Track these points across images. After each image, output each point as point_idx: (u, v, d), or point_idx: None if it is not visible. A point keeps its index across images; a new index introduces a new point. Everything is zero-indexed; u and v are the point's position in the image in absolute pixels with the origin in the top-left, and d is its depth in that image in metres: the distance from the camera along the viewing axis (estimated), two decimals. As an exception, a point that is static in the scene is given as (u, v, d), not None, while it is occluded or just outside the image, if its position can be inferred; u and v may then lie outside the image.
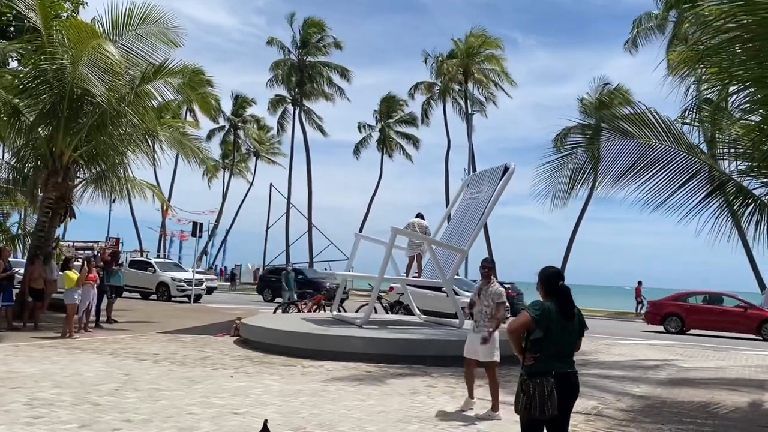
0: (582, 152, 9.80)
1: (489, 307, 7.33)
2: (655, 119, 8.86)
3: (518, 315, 4.43)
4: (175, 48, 15.77)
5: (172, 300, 26.27)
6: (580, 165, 9.87)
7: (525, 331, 4.27)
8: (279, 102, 54.30)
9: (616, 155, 9.38)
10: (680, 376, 11.25)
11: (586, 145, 9.84)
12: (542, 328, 4.18)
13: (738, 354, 15.60)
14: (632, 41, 36.65)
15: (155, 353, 10.99)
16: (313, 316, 14.60)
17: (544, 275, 4.36)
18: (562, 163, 9.98)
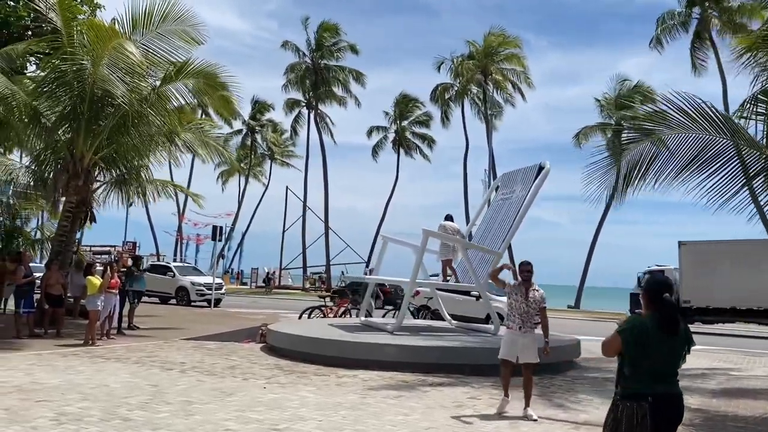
0: (636, 148, 9.23)
1: (535, 310, 7.47)
2: (712, 112, 8.31)
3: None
4: (197, 46, 15.43)
5: (192, 305, 25.96)
6: (634, 162, 9.30)
7: (617, 349, 3.78)
8: (293, 105, 54.07)
9: (673, 151, 8.81)
10: (732, 385, 10.68)
11: (637, 141, 9.20)
12: (632, 344, 3.70)
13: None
14: (656, 39, 36.01)
15: (182, 362, 10.60)
16: (340, 322, 14.16)
17: (650, 284, 3.90)
18: (613, 162, 9.42)
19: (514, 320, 7.54)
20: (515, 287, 7.60)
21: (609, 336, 3.88)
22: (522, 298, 7.48)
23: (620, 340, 3.74)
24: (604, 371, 11.54)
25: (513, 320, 7.56)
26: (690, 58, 35.71)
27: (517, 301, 7.49)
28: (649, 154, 8.98)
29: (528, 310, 7.46)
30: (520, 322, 7.48)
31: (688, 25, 35.63)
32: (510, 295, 7.62)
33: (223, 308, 25.64)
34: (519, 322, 7.49)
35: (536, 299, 7.48)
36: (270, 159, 62.90)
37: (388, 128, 53.76)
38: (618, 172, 9.25)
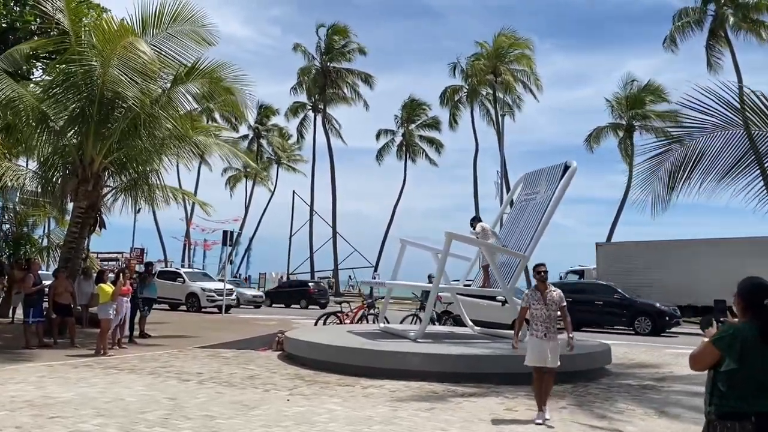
0: (679, 149, 8.72)
1: (555, 312, 7.38)
2: (763, 104, 7.79)
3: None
4: (208, 47, 15.03)
5: (203, 311, 25.57)
6: (678, 163, 8.78)
7: (711, 363, 3.32)
8: (299, 109, 53.76)
9: (720, 149, 8.31)
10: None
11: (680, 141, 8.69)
12: (733, 357, 3.23)
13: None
14: (670, 38, 35.51)
15: (198, 372, 10.16)
16: (358, 329, 13.70)
17: (746, 286, 3.41)
18: (657, 163, 8.91)
19: (538, 328, 7.39)
20: (532, 294, 7.51)
21: (700, 347, 3.41)
22: (541, 305, 7.38)
23: (716, 351, 3.28)
24: (638, 377, 11.09)
25: (537, 328, 7.40)
26: (705, 56, 35.21)
27: (537, 308, 7.40)
28: (694, 154, 8.47)
29: (549, 314, 7.35)
30: (543, 329, 7.37)
31: (703, 22, 35.13)
32: (529, 304, 7.48)
33: (234, 314, 25.24)
34: (543, 329, 7.37)
35: (554, 300, 7.41)
36: (276, 164, 62.52)
37: (396, 132, 53.42)
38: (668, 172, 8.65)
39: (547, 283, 7.54)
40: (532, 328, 7.48)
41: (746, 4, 33.60)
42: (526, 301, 7.55)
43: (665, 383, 10.58)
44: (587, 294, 21.67)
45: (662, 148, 8.81)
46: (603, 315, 21.53)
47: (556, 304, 7.45)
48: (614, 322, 21.60)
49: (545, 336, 7.35)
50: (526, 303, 7.55)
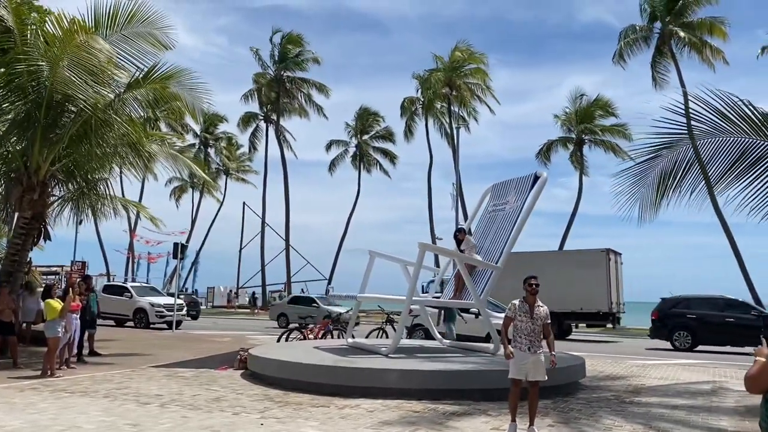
0: (669, 155, 8.59)
1: (540, 328, 7.20)
2: (750, 111, 7.74)
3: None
4: (165, 51, 14.31)
5: (151, 327, 24.49)
6: (668, 169, 8.65)
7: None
8: (251, 119, 52.80)
9: (711, 155, 8.22)
10: (752, 402, 10.11)
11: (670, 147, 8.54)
12: None
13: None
14: (619, 54, 36.28)
15: (158, 394, 9.45)
16: (325, 344, 13.16)
17: None
18: (646, 169, 8.75)
19: (522, 341, 7.18)
20: (520, 306, 7.26)
21: (757, 367, 3.10)
22: (527, 317, 7.17)
23: None
24: (613, 390, 10.91)
25: (520, 341, 7.18)
26: (651, 73, 36.10)
27: (523, 321, 7.19)
28: (684, 160, 8.35)
29: (534, 329, 7.16)
30: (528, 342, 7.16)
31: (650, 40, 36.06)
32: (515, 315, 7.24)
33: (185, 330, 24.25)
34: (527, 343, 7.17)
35: (541, 316, 7.23)
36: (225, 174, 61.17)
37: (349, 143, 53.02)
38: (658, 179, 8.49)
39: (536, 297, 7.30)
40: (515, 341, 7.24)
41: (690, 23, 34.65)
42: (513, 312, 7.27)
43: (641, 396, 10.43)
44: (717, 310, 20.58)
45: (650, 154, 8.65)
46: (736, 334, 19.98)
47: (542, 319, 7.24)
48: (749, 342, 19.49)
49: (529, 350, 7.14)
50: (512, 314, 7.28)
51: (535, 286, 7.27)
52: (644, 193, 8.95)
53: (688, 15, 34.71)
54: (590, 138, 42.16)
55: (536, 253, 26.05)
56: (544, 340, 7.29)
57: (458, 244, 12.67)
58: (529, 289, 7.27)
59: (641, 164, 8.82)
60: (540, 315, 7.23)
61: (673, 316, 21.01)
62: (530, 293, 7.26)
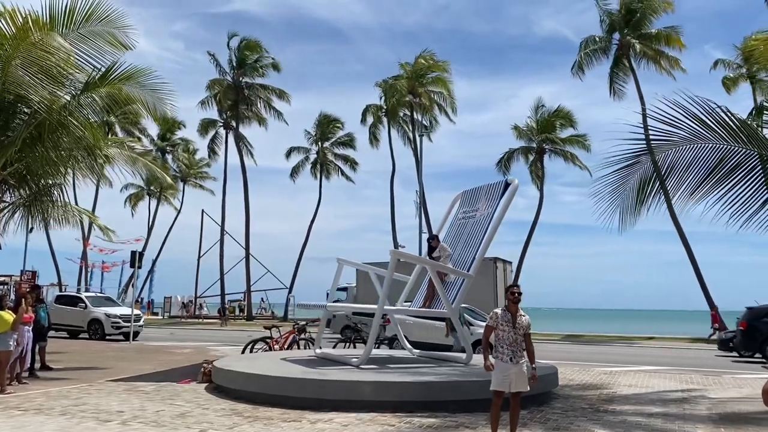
0: (648, 161, 8.52)
1: (522, 338, 7.06)
2: (729, 118, 7.73)
3: None
4: (125, 51, 13.75)
5: (107, 338, 23.62)
6: (647, 176, 8.57)
7: None
8: (210, 125, 51.88)
9: (689, 163, 8.17)
10: (723, 410, 10.14)
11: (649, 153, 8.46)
12: None
13: (740, 379, 14.81)
14: (578, 65, 36.80)
15: (119, 410, 8.94)
16: (293, 356, 12.77)
17: None
18: (625, 176, 8.66)
19: (504, 351, 7.03)
20: (502, 315, 7.10)
21: None
22: (510, 327, 7.02)
23: None
24: (587, 400, 10.81)
25: (503, 351, 7.03)
26: (609, 83, 36.72)
27: (505, 331, 7.03)
28: (664, 167, 8.29)
29: (516, 338, 7.03)
30: (510, 352, 7.01)
31: (608, 51, 36.70)
32: (497, 325, 7.07)
33: (142, 342, 23.45)
34: (509, 353, 7.03)
35: (523, 325, 7.09)
36: (183, 181, 59.94)
37: (310, 150, 52.52)
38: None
39: (518, 306, 7.13)
40: (497, 351, 7.07)
41: (648, 35, 35.39)
42: (494, 321, 7.09)
43: (615, 405, 10.36)
44: None
45: (630, 160, 8.57)
46: None
47: (524, 329, 7.08)
48: None
49: (511, 360, 6.98)
50: (494, 323, 7.10)
51: (517, 295, 7.10)
52: (624, 200, 8.88)
53: (646, 27, 35.46)
54: (550, 148, 42.66)
55: None
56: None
57: (431, 251, 12.47)
58: (512, 297, 7.10)
59: (619, 171, 8.75)
60: (522, 324, 7.08)
61: (765, 326, 20.03)
62: (512, 302, 7.09)
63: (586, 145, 41.95)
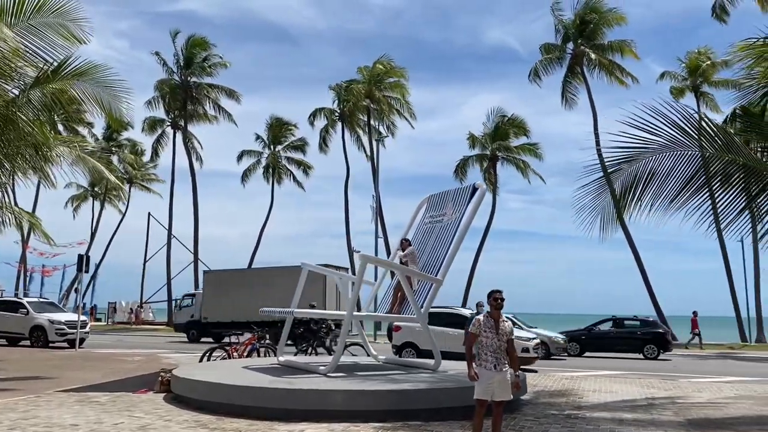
0: (628, 168, 8.48)
1: (505, 344, 6.88)
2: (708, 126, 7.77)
3: None
4: (79, 45, 13.10)
5: (50, 346, 22.55)
6: (628, 183, 8.53)
7: None
8: (156, 124, 50.49)
9: (669, 171, 8.17)
10: (690, 415, 10.22)
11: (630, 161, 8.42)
12: None
13: (697, 383, 15.09)
14: (535, 72, 37.34)
15: (73, 424, 8.38)
16: (255, 364, 12.33)
17: None
18: (604, 185, 8.59)
19: (488, 358, 6.84)
20: (485, 322, 6.91)
21: None
22: (493, 334, 6.85)
23: None
24: (556, 406, 10.76)
25: (486, 359, 6.84)
26: (561, 92, 37.41)
27: (488, 337, 6.86)
28: (644, 174, 8.27)
29: (500, 345, 6.85)
30: (494, 360, 6.83)
31: (563, 60, 37.37)
32: (480, 332, 6.88)
33: (88, 349, 22.48)
34: (493, 360, 6.84)
35: (506, 332, 6.92)
36: (129, 183, 58.16)
37: (261, 153, 51.68)
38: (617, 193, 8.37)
39: (501, 312, 6.97)
40: (480, 358, 6.87)
41: (602, 45, 36.19)
42: (477, 329, 6.90)
43: (585, 411, 10.34)
44: None
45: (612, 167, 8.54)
46: None
47: (507, 335, 6.90)
48: None
49: (495, 368, 6.80)
50: (477, 330, 6.90)
51: (500, 301, 6.93)
52: (605, 207, 8.86)
53: (599, 38, 36.25)
54: (503, 155, 43.15)
55: (266, 270, 29.55)
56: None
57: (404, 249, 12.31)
58: (494, 303, 6.92)
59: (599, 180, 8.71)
60: (506, 330, 6.91)
61: None
62: (495, 308, 6.92)
63: (538, 154, 42.65)
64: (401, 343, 17.91)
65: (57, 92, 13.09)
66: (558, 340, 23.08)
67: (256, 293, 26.68)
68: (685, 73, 39.24)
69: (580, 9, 36.48)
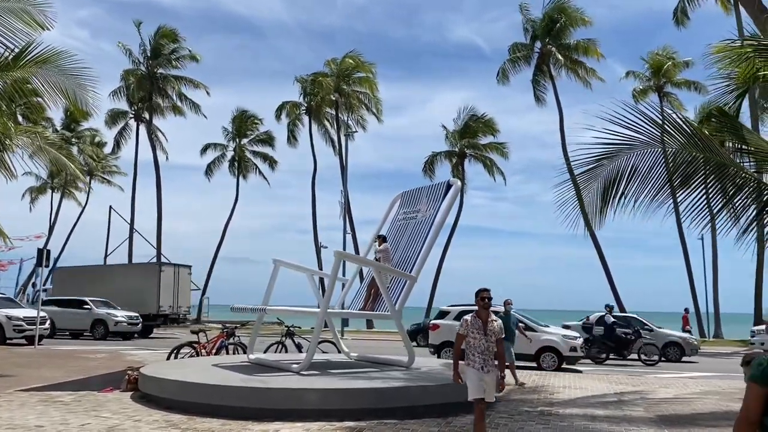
0: (610, 164, 8.50)
1: (494, 344, 6.80)
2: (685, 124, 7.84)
3: None
4: (42, 31, 12.63)
5: (8, 343, 21.83)
6: (611, 179, 8.55)
7: (761, 407, 2.86)
8: (119, 116, 49.40)
9: (651, 166, 8.21)
10: (660, 411, 10.36)
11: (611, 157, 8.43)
12: None
13: (663, 379, 15.35)
14: (503, 72, 37.59)
15: (38, 425, 8.07)
16: (224, 362, 12.09)
17: None
18: (589, 178, 8.61)
19: (475, 359, 6.73)
20: (473, 322, 6.80)
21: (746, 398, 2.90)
22: (481, 334, 6.72)
23: (755, 387, 2.86)
24: (528, 403, 10.81)
25: (474, 359, 6.73)
26: (533, 91, 37.78)
27: (476, 338, 6.74)
28: (627, 170, 8.30)
29: (488, 346, 6.75)
30: (482, 361, 6.72)
31: (530, 58, 37.69)
32: (468, 332, 6.78)
33: (48, 346, 21.82)
34: (480, 361, 6.72)
35: (495, 331, 6.82)
36: (89, 175, 56.75)
37: (227, 146, 50.95)
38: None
39: (489, 312, 6.87)
40: (468, 359, 6.77)
41: (568, 45, 36.61)
42: (465, 329, 6.80)
43: (557, 408, 10.40)
44: None
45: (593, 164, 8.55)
46: None
47: (495, 335, 6.80)
48: None
49: (482, 369, 6.69)
50: (465, 331, 6.80)
51: (488, 300, 6.80)
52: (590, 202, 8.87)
53: (565, 37, 36.66)
54: (471, 153, 43.40)
55: (108, 266, 32.72)
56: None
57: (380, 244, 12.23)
58: (482, 303, 6.80)
59: (583, 174, 8.74)
60: (494, 330, 6.80)
61: None
62: (483, 308, 6.80)
63: (505, 152, 43.03)
64: (440, 342, 17.21)
65: (19, 81, 12.63)
66: (692, 341, 21.62)
67: (108, 289, 28.60)
68: (648, 73, 39.95)
69: (549, 8, 36.86)
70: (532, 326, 16.96)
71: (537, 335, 16.74)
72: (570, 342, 17.21)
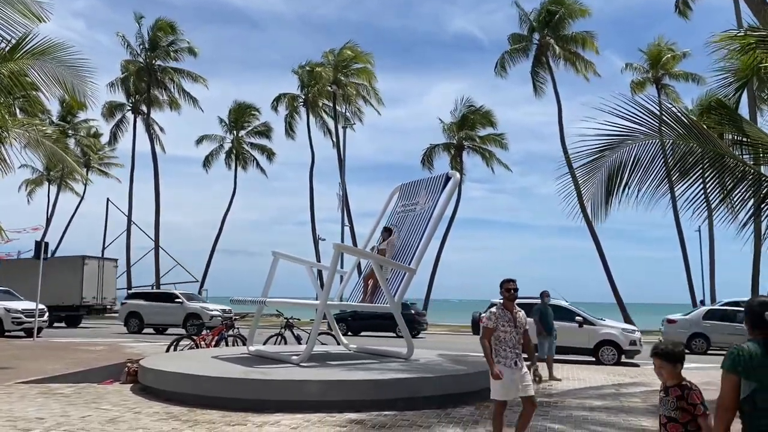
0: (613, 155, 8.49)
1: (521, 335, 6.55)
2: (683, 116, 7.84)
3: None
4: (39, 23, 12.55)
5: (6, 335, 21.87)
6: (615, 169, 8.53)
7: (734, 394, 3.17)
8: (117, 108, 49.22)
9: (652, 158, 8.22)
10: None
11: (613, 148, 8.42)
12: (752, 379, 3.12)
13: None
14: (501, 64, 37.51)
15: (39, 417, 8.09)
16: (224, 354, 12.12)
17: (750, 306, 3.35)
18: (592, 169, 8.60)
19: (507, 354, 6.41)
20: (501, 314, 6.49)
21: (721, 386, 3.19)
22: (511, 327, 6.44)
23: (729, 376, 3.18)
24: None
25: (506, 355, 6.42)
26: (532, 82, 37.70)
27: (507, 331, 6.43)
28: (630, 161, 8.29)
29: (518, 338, 6.49)
30: (513, 355, 6.42)
31: (529, 50, 37.62)
32: (497, 326, 6.45)
33: (46, 338, 21.87)
34: (513, 356, 6.42)
35: (522, 322, 6.55)
36: (86, 167, 56.57)
37: (224, 138, 50.78)
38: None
39: (514, 303, 6.62)
40: (499, 355, 6.42)
41: (566, 36, 36.53)
42: (494, 322, 6.45)
43: (557, 398, 10.47)
44: None
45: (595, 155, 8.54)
46: None
47: (523, 326, 6.54)
48: None
49: (515, 364, 6.42)
50: (494, 324, 6.45)
51: (513, 291, 6.54)
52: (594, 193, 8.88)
53: (563, 29, 36.59)
54: (469, 144, 43.36)
55: (34, 260, 30.42)
56: None
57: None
58: (507, 294, 6.53)
59: (585, 165, 8.74)
60: (521, 321, 6.55)
61: None
62: (508, 299, 6.54)
63: (504, 144, 42.98)
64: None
65: (16, 73, 12.57)
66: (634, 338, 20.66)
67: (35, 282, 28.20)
68: (647, 65, 39.88)
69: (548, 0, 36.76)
70: (590, 320, 16.91)
71: (596, 329, 16.67)
72: (630, 336, 16.96)
